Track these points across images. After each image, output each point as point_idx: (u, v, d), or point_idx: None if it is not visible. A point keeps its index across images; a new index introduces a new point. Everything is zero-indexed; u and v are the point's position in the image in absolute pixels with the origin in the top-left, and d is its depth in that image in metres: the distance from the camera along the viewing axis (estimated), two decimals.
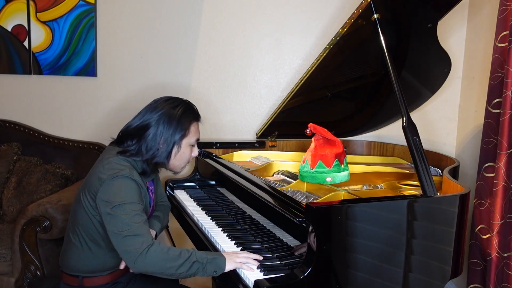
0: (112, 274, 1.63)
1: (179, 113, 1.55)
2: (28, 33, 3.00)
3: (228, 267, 1.42)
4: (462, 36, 2.67)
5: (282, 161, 2.31)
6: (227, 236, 1.68)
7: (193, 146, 1.63)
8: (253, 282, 1.30)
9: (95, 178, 1.49)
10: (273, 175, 2.16)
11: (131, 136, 1.56)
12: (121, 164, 1.50)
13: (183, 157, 1.60)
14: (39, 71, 3.02)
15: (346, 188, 1.82)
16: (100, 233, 1.54)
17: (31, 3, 2.96)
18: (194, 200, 2.16)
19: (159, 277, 1.67)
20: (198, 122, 1.65)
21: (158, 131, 1.52)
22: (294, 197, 1.62)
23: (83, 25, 2.93)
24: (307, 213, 1.33)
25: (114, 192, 1.44)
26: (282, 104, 2.30)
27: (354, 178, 1.88)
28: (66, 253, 1.62)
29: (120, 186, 1.44)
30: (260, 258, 1.44)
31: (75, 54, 2.97)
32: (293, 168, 2.20)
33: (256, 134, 2.56)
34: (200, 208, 2.04)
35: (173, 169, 1.63)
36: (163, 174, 2.96)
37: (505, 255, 1.92)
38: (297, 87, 2.17)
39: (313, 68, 2.04)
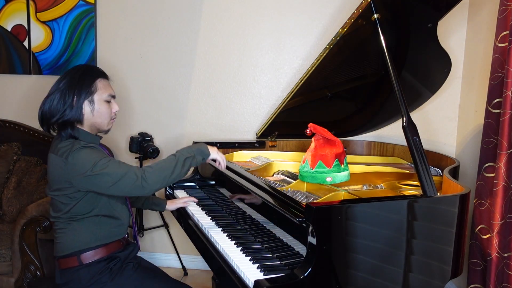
0: (108, 247, 1.69)
1: (80, 73, 1.65)
2: (28, 33, 3.00)
3: (213, 154, 1.72)
4: (462, 36, 2.67)
5: (282, 161, 2.31)
6: (227, 236, 1.68)
7: (109, 102, 1.70)
8: (253, 282, 1.30)
9: (58, 167, 1.57)
10: (273, 175, 2.16)
11: (47, 110, 1.66)
12: (67, 144, 1.59)
13: (102, 112, 1.68)
14: (39, 71, 3.02)
15: (346, 188, 1.82)
16: (86, 205, 1.62)
17: (31, 3, 2.96)
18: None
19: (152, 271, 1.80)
20: (106, 79, 1.73)
21: (63, 94, 1.62)
22: (294, 197, 1.62)
23: (83, 25, 2.93)
24: (307, 213, 1.33)
25: (81, 163, 1.53)
26: (282, 104, 2.30)
27: (354, 178, 1.88)
28: (59, 239, 1.68)
29: (81, 156, 1.54)
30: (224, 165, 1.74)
31: (75, 54, 2.97)
32: (293, 168, 2.20)
33: (256, 134, 2.56)
34: (200, 208, 2.04)
35: (99, 127, 1.70)
36: None
37: (505, 255, 1.92)
38: (297, 87, 2.17)
39: (313, 68, 2.04)
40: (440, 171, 2.17)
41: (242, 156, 2.51)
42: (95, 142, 1.70)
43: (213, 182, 2.28)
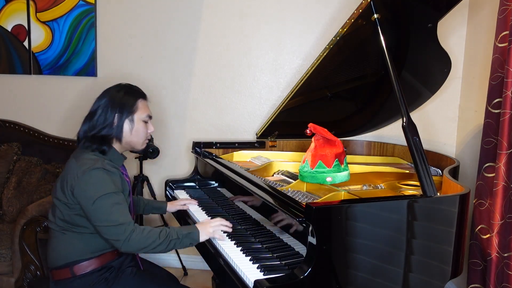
0: (101, 258, 1.68)
1: (122, 93, 1.71)
2: (28, 33, 3.00)
3: (202, 238, 1.62)
4: (462, 36, 2.67)
5: (282, 161, 2.31)
6: (227, 236, 1.68)
7: (146, 122, 1.75)
8: (253, 282, 1.30)
9: (72, 174, 1.59)
10: (273, 175, 2.16)
11: (86, 125, 1.70)
12: (92, 158, 1.61)
13: (139, 133, 1.73)
14: (39, 71, 3.02)
15: (346, 188, 1.82)
16: (83, 219, 1.62)
17: (31, 3, 2.96)
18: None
19: (151, 269, 1.85)
20: (145, 100, 1.77)
21: (104, 112, 1.67)
22: (294, 197, 1.62)
23: (83, 25, 2.93)
24: (307, 213, 1.33)
25: (91, 185, 1.55)
26: (282, 104, 2.30)
27: (354, 178, 1.88)
28: (53, 247, 1.68)
29: (95, 178, 1.56)
30: (230, 225, 1.65)
31: (75, 54, 2.97)
32: (293, 168, 2.20)
33: (256, 134, 2.56)
34: (200, 208, 2.04)
35: (134, 146, 1.76)
36: (163, 174, 2.97)
37: (505, 255, 1.92)
38: (297, 87, 2.17)
39: (313, 68, 2.04)
40: (440, 171, 2.17)
41: (242, 156, 2.51)
42: (118, 164, 1.72)
43: (213, 182, 2.28)
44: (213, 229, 1.63)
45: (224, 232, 1.66)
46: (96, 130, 1.66)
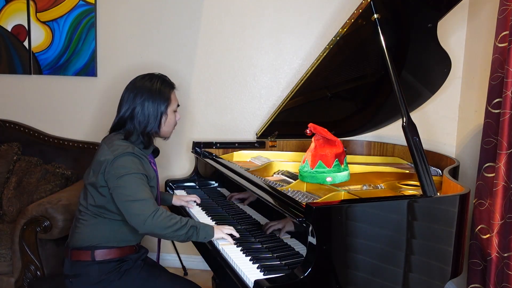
0: (123, 249, 1.71)
1: (158, 86, 1.74)
2: (28, 33, 3.00)
3: (216, 235, 1.63)
4: (462, 36, 2.67)
5: (282, 161, 2.31)
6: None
7: (175, 111, 1.81)
8: (253, 282, 1.30)
9: (104, 158, 1.63)
10: (273, 175, 2.16)
11: (124, 121, 1.73)
12: (124, 144, 1.66)
13: (171, 123, 1.80)
14: (39, 71, 3.02)
15: (346, 188, 1.82)
16: (112, 207, 1.66)
17: (31, 3, 2.96)
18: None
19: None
20: (175, 90, 1.81)
21: (145, 108, 1.70)
22: (294, 197, 1.62)
23: (83, 25, 2.93)
24: (307, 213, 1.33)
25: (120, 166, 1.60)
26: (282, 104, 2.30)
27: (354, 178, 1.88)
28: (81, 229, 1.70)
29: (125, 161, 1.61)
30: (237, 235, 1.66)
31: (75, 54, 2.97)
32: (293, 168, 2.20)
33: (256, 134, 2.56)
34: (200, 208, 2.04)
35: (165, 135, 1.83)
36: (163, 174, 2.97)
37: (505, 255, 1.92)
38: (297, 87, 2.17)
39: (313, 68, 2.04)
40: (440, 171, 2.17)
41: (242, 156, 2.51)
42: (147, 153, 1.78)
43: (213, 182, 2.28)
44: (227, 231, 1.65)
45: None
46: (141, 128, 1.70)
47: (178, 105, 1.82)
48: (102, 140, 1.76)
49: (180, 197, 2.11)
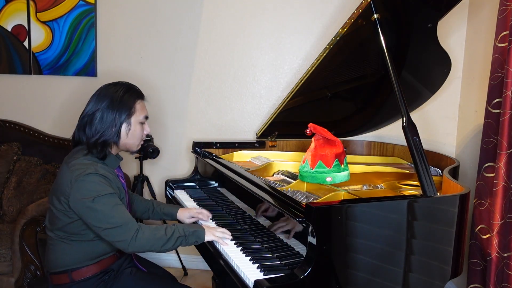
0: (101, 263, 1.65)
1: (121, 94, 1.64)
2: (28, 33, 3.00)
3: (207, 238, 1.61)
4: (462, 36, 2.67)
5: (282, 161, 2.31)
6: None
7: (143, 123, 1.70)
8: (253, 282, 1.30)
9: (65, 182, 1.54)
10: (273, 175, 2.16)
11: (83, 129, 1.63)
12: (84, 163, 1.56)
13: (135, 134, 1.68)
14: (39, 71, 3.02)
15: (346, 188, 1.82)
16: (82, 228, 1.58)
17: (31, 3, 2.96)
18: (194, 200, 2.16)
19: (150, 268, 1.82)
20: (143, 101, 1.72)
21: (104, 114, 1.61)
22: (294, 197, 1.62)
23: (83, 25, 2.93)
24: (307, 213, 1.33)
25: (86, 190, 1.50)
26: (282, 104, 2.30)
27: (354, 178, 1.88)
28: (52, 253, 1.64)
29: (89, 183, 1.51)
30: (230, 237, 1.63)
31: (75, 54, 2.97)
32: (293, 168, 2.20)
33: (256, 134, 2.56)
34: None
35: (129, 148, 1.71)
36: (163, 174, 2.97)
37: (505, 255, 1.92)
38: (297, 87, 2.17)
39: (313, 68, 2.04)
40: (440, 171, 2.17)
41: (242, 156, 2.51)
42: (114, 166, 1.67)
43: (213, 182, 2.28)
44: (219, 234, 1.62)
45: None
46: (97, 136, 1.59)
47: (147, 117, 1.71)
48: (64, 159, 1.66)
49: (185, 212, 1.91)
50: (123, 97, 1.64)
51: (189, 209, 1.93)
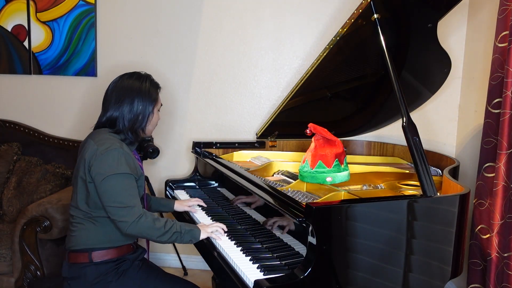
0: (120, 249, 1.70)
1: (148, 86, 1.76)
2: (28, 33, 3.00)
3: (202, 236, 1.67)
4: (462, 36, 2.67)
5: (282, 161, 2.31)
6: (227, 236, 1.68)
7: (158, 111, 1.83)
8: (253, 282, 1.30)
9: (90, 153, 1.61)
10: (273, 175, 2.16)
11: (113, 119, 1.72)
12: (111, 139, 1.65)
13: (154, 122, 1.80)
14: (39, 71, 3.02)
15: (346, 188, 1.82)
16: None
17: (31, 3, 2.96)
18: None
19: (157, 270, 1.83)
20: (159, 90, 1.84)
21: (134, 106, 1.71)
22: (294, 197, 1.62)
23: (83, 25, 2.93)
24: (307, 213, 1.33)
25: (107, 164, 1.58)
26: (282, 104, 2.30)
27: (354, 178, 1.88)
28: (75, 231, 1.69)
29: (112, 158, 1.59)
30: (225, 228, 1.70)
31: (75, 54, 2.97)
32: (293, 168, 2.20)
33: (256, 134, 2.56)
34: (200, 208, 2.04)
35: (148, 134, 1.82)
36: (163, 174, 2.97)
37: (505, 255, 1.92)
38: (297, 87, 2.17)
39: (313, 68, 2.04)
40: (440, 171, 2.17)
41: (242, 156, 2.51)
42: (132, 149, 1.75)
43: (213, 182, 2.28)
44: (211, 229, 1.69)
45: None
46: (130, 125, 1.69)
47: (161, 105, 1.84)
48: (88, 136, 1.74)
49: (182, 203, 2.08)
50: (150, 88, 1.75)
51: (184, 202, 2.07)
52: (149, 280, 1.72)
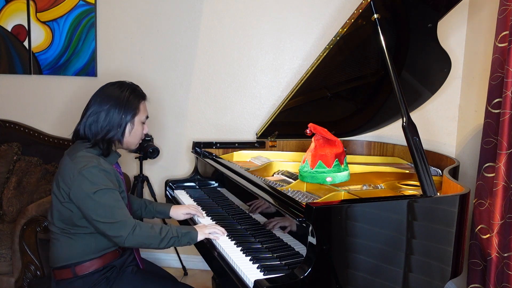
0: (104, 258, 1.67)
1: (127, 95, 1.69)
2: (28, 33, 3.00)
3: (200, 237, 1.64)
4: (462, 36, 2.67)
5: (282, 161, 2.31)
6: (227, 236, 1.68)
7: (143, 123, 1.76)
8: (253, 282, 1.30)
9: (67, 173, 1.57)
10: (273, 175, 2.16)
11: (89, 126, 1.67)
12: (87, 156, 1.60)
13: (137, 134, 1.73)
14: (39, 71, 3.02)
15: (346, 188, 1.82)
16: (81, 221, 1.61)
17: (31, 3, 2.96)
18: (194, 200, 2.16)
19: (150, 268, 1.83)
20: (145, 101, 1.77)
21: (110, 113, 1.65)
22: (294, 197, 1.62)
23: (83, 25, 2.93)
24: (307, 213, 1.33)
25: (89, 182, 1.54)
26: (282, 104, 2.30)
27: (354, 178, 1.88)
28: (55, 248, 1.66)
29: (93, 175, 1.55)
30: (225, 232, 1.68)
31: (75, 54, 2.97)
32: (293, 168, 2.20)
33: (256, 134, 2.56)
34: (200, 208, 2.04)
35: (128, 146, 1.75)
36: (163, 174, 2.97)
37: (505, 255, 1.92)
38: (297, 87, 2.17)
39: (313, 68, 2.04)
40: (440, 171, 2.17)
41: (242, 156, 2.51)
42: (113, 162, 1.71)
43: (213, 182, 2.28)
44: (209, 230, 1.67)
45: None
46: (103, 134, 1.64)
47: (147, 117, 1.78)
48: (66, 151, 1.69)
49: (178, 209, 1.97)
50: (129, 98, 1.69)
51: (181, 206, 2.00)
52: (145, 285, 1.69)
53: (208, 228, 1.68)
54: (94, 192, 1.52)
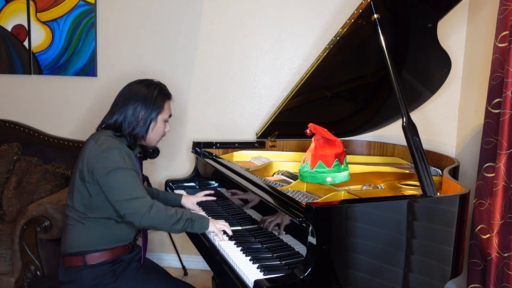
0: (114, 251, 1.70)
1: (155, 94, 1.77)
2: (28, 33, 3.00)
3: (210, 228, 1.68)
4: (462, 36, 2.67)
5: (282, 161, 2.31)
6: (227, 236, 1.68)
7: (166, 121, 1.83)
8: (253, 282, 1.30)
9: (92, 154, 1.63)
10: (273, 175, 2.16)
11: (115, 122, 1.74)
12: (111, 139, 1.67)
13: (159, 131, 1.81)
14: (39, 71, 3.02)
15: (346, 188, 1.82)
16: (102, 201, 1.65)
17: (31, 3, 2.96)
18: None
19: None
20: (170, 101, 1.85)
21: (137, 111, 1.73)
22: (294, 197, 1.62)
23: (83, 25, 2.93)
24: (307, 213, 1.33)
25: (111, 161, 1.60)
26: (282, 104, 2.30)
27: (354, 178, 1.88)
28: (69, 234, 1.69)
29: (114, 155, 1.61)
30: (230, 233, 1.68)
31: (75, 54, 2.97)
32: (293, 168, 2.20)
33: (256, 134, 2.56)
34: (200, 208, 2.04)
35: (150, 143, 1.83)
36: (163, 174, 2.97)
37: (505, 255, 1.92)
38: (297, 87, 2.17)
39: (313, 68, 2.04)
40: (440, 171, 2.17)
41: (242, 156, 2.51)
42: (132, 154, 1.74)
43: (213, 182, 2.28)
44: (219, 226, 1.68)
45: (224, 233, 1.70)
46: (129, 129, 1.71)
47: (170, 115, 1.84)
48: (90, 136, 1.75)
49: (189, 198, 2.04)
50: (157, 97, 1.76)
51: (192, 196, 2.06)
52: (146, 281, 1.71)
53: (220, 223, 1.69)
54: (115, 169, 1.57)
